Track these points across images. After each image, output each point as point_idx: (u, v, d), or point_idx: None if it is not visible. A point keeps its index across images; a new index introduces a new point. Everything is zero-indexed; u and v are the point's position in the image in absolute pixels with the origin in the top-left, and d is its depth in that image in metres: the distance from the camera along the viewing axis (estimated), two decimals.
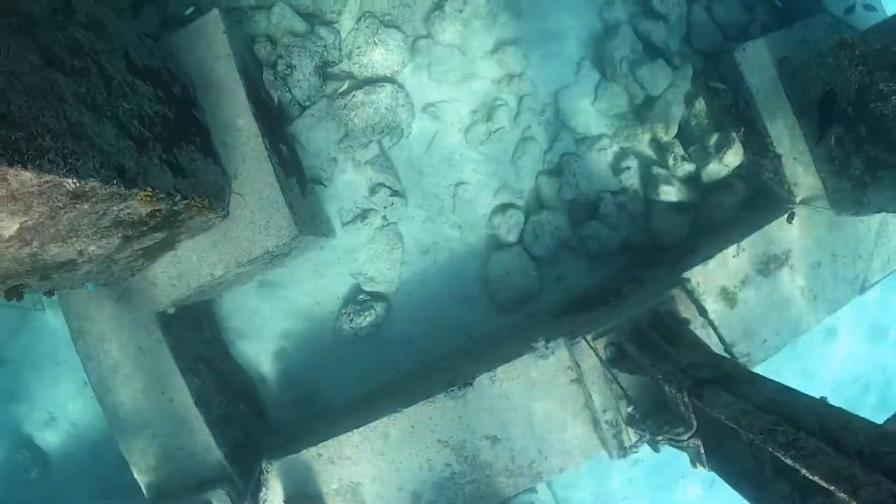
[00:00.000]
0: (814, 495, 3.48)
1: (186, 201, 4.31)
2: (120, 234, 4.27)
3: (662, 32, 6.33)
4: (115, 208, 3.83)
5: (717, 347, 5.10)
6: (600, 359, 4.77)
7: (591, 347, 4.78)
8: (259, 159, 4.94)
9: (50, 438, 7.71)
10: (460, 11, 5.75)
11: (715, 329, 4.88)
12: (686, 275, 5.28)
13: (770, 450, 3.35)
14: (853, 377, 9.55)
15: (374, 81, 5.60)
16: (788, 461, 3.22)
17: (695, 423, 4.02)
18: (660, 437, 4.23)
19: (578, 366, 4.88)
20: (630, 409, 4.57)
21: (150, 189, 3.97)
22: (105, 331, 5.25)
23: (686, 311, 5.12)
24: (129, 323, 5.25)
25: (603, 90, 6.02)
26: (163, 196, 4.08)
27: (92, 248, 4.20)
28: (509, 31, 5.94)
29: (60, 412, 7.78)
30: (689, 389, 3.98)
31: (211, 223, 4.95)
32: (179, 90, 5.08)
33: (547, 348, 4.90)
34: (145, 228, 4.40)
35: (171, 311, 5.23)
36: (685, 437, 4.09)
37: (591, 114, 5.99)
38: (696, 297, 5.21)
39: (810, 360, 9.16)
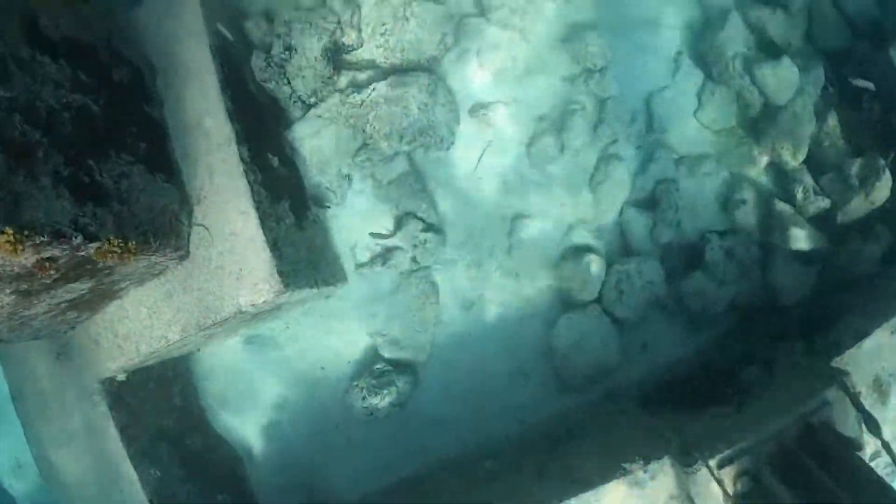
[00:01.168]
0: None
1: (97, 244, 2.48)
2: (8, 290, 2.64)
3: (781, 23, 4.47)
4: None
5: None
6: (727, 495, 2.89)
7: (716, 479, 2.89)
8: (231, 176, 3.25)
9: (19, 486, 6.33)
10: None
11: (893, 456, 2.96)
12: (838, 363, 3.42)
13: None
14: None
15: (403, 71, 3.70)
16: None
17: None
18: None
19: (691, 500, 2.96)
20: None
21: (12, 230, 2.11)
22: (45, 394, 3.78)
23: (848, 422, 3.21)
24: (71, 388, 3.73)
25: (709, 96, 4.15)
26: (44, 239, 2.22)
27: None
28: (587, 14, 4.09)
29: (27, 458, 6.29)
30: None
31: (162, 266, 3.16)
32: (125, 75, 3.29)
33: (645, 471, 3.07)
34: (48, 281, 2.73)
35: (122, 377, 3.67)
36: None
37: (692, 126, 4.03)
38: (859, 402, 3.28)
39: None
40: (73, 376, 3.69)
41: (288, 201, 3.57)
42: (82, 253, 2.55)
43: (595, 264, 3.73)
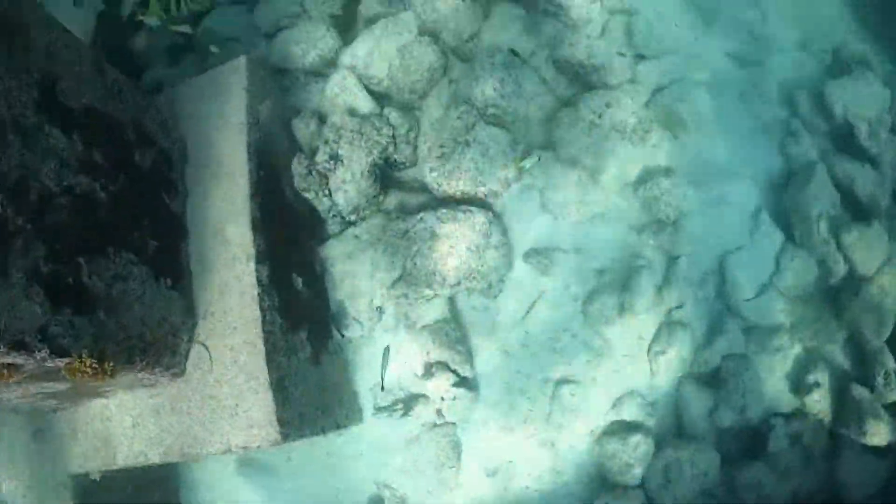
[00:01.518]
0: None
1: (66, 360, 2.22)
2: None
3: (869, 181, 4.04)
4: None
5: None
6: None
7: None
8: (243, 298, 2.88)
9: None
10: (599, 117, 3.41)
11: None
12: None
13: None
14: None
15: (457, 203, 3.26)
16: None
17: None
18: None
19: None
20: None
21: None
22: (15, 465, 3.37)
23: None
24: (40, 472, 3.33)
25: (788, 260, 3.67)
26: (1, 350, 1.98)
27: None
28: (662, 158, 3.61)
29: None
30: None
31: (152, 381, 2.91)
32: (149, 159, 2.96)
33: None
34: (18, 377, 2.35)
35: (96, 476, 3.27)
36: None
37: (768, 292, 3.53)
38: None
39: None
40: (46, 460, 3.30)
41: (306, 330, 3.14)
42: (48, 364, 2.14)
43: (643, 447, 3.20)
